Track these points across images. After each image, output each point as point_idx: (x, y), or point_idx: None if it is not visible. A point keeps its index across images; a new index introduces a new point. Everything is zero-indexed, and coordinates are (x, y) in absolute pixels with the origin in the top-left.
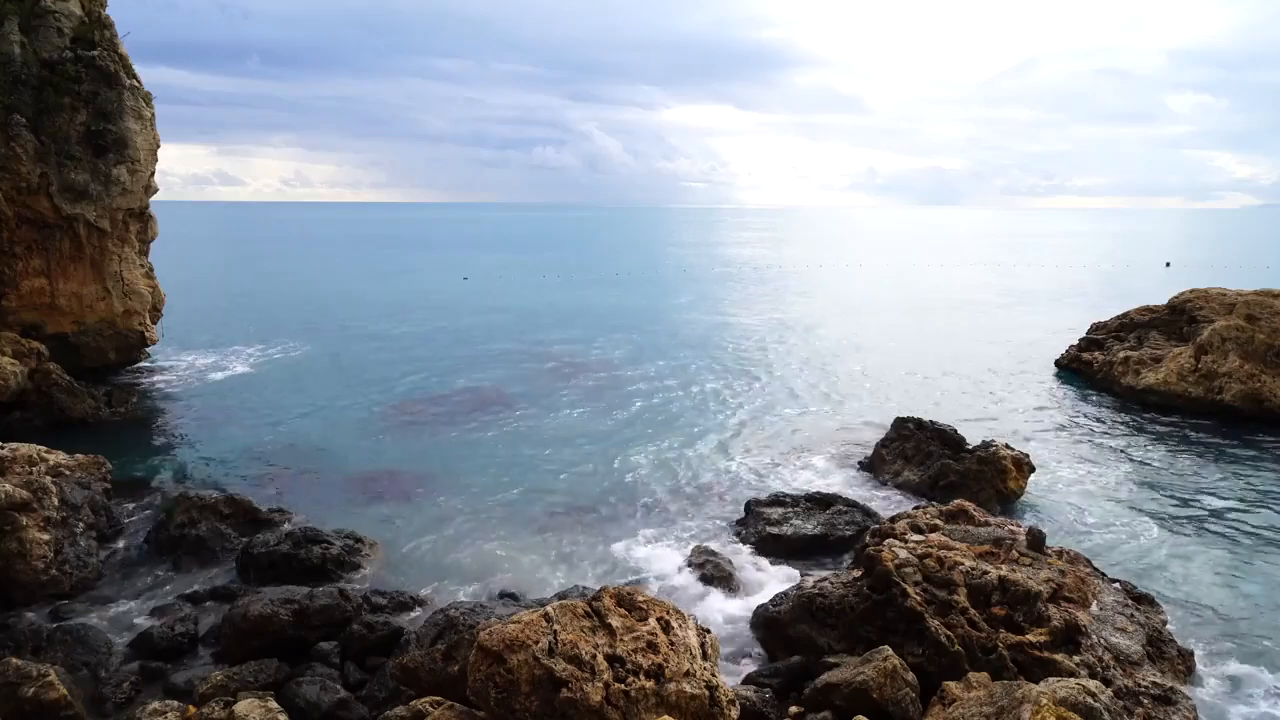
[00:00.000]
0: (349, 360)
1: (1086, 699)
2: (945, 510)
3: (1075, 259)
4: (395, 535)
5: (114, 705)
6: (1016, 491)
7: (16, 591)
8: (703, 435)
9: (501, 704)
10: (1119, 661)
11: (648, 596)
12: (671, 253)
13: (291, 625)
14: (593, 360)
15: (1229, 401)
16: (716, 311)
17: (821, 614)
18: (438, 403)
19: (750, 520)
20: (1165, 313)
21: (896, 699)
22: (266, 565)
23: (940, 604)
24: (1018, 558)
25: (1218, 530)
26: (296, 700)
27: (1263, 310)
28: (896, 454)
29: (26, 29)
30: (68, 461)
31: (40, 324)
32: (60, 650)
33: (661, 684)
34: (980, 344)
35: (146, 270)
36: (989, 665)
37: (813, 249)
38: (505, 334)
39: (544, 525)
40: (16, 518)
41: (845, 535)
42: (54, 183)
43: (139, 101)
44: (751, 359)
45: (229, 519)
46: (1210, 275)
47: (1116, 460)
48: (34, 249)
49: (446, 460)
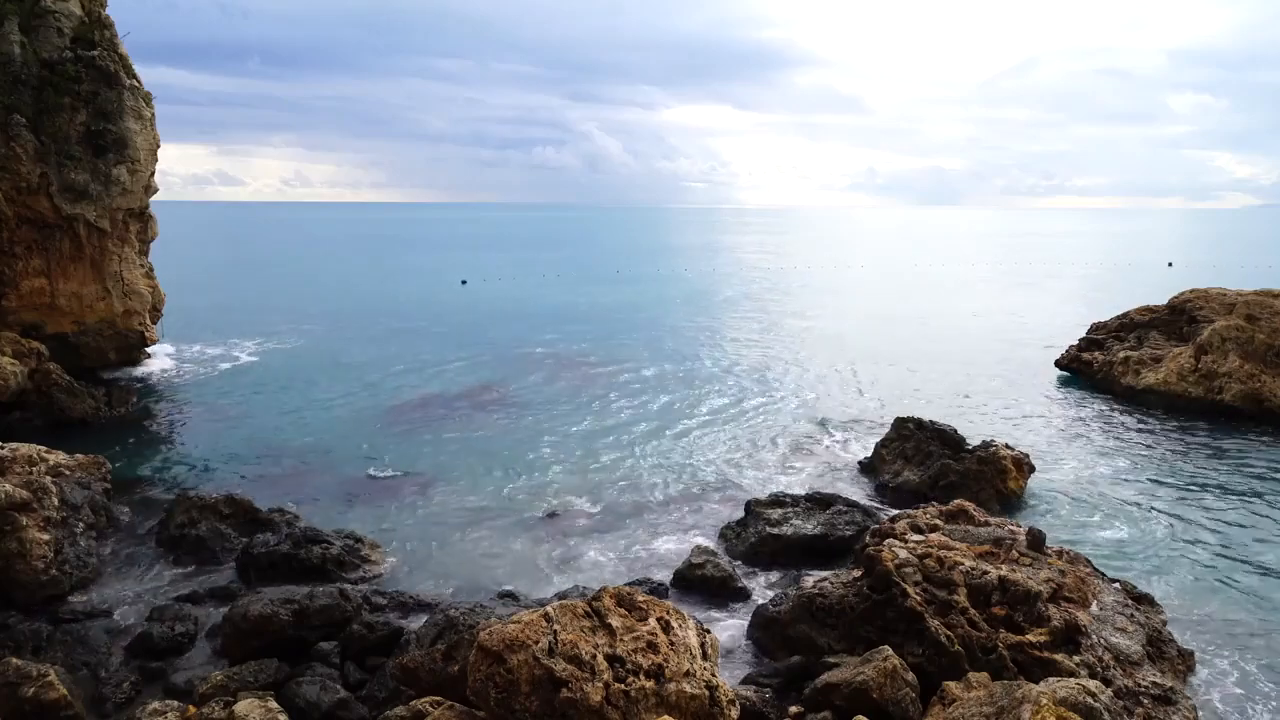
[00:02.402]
0: (349, 361)
1: (1086, 699)
2: (945, 510)
3: (1075, 259)
4: (395, 535)
5: (114, 705)
6: (1016, 491)
7: (16, 591)
8: (703, 435)
9: (501, 704)
10: (1119, 661)
11: (647, 596)
12: (671, 253)
13: (291, 625)
14: (592, 360)
15: (1229, 401)
16: (716, 312)
17: (821, 614)
18: (437, 403)
19: (750, 520)
20: (1165, 313)
21: (896, 699)
22: (266, 565)
23: (940, 604)
24: (1018, 558)
25: (1218, 530)
26: (296, 700)
27: (1263, 310)
28: (896, 454)
29: (26, 29)
30: (68, 461)
31: (40, 324)
32: (60, 650)
33: (661, 684)
34: (980, 344)
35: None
36: (989, 665)
37: (813, 249)
38: (505, 334)
39: (544, 525)
40: (16, 518)
41: (845, 535)
42: (54, 183)
43: (139, 101)
44: (751, 359)
45: (229, 519)
46: (1210, 275)
47: (1116, 460)
48: (34, 249)
49: (446, 460)
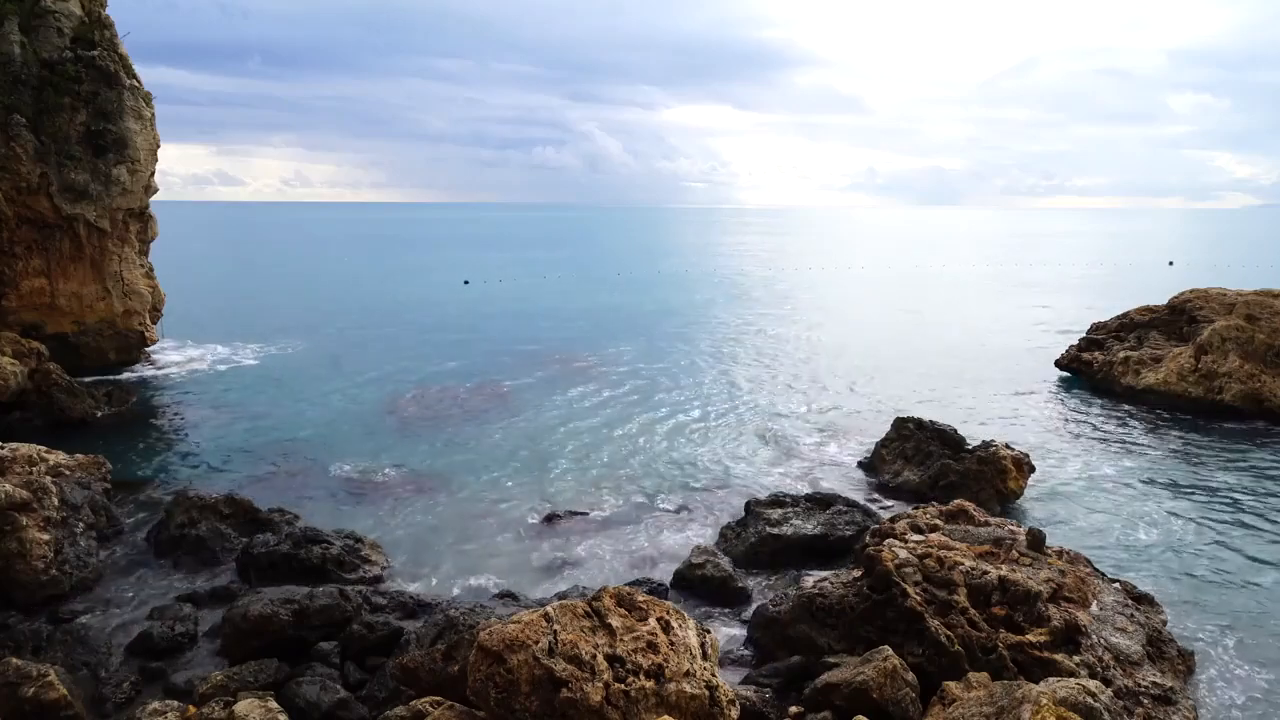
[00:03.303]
0: (349, 361)
1: (1086, 699)
2: (945, 510)
3: (1075, 259)
4: (395, 535)
5: (114, 705)
6: (1016, 491)
7: (16, 591)
8: (703, 435)
9: (501, 704)
10: (1119, 661)
11: (647, 596)
12: (671, 253)
13: (291, 625)
14: (592, 360)
15: (1229, 401)
16: (716, 312)
17: (821, 614)
18: (437, 403)
19: (750, 520)
20: (1165, 313)
21: (896, 699)
22: (266, 565)
23: (940, 604)
24: (1018, 558)
25: (1218, 530)
26: (296, 700)
27: (1263, 310)
28: (896, 454)
29: (26, 29)
30: (68, 461)
31: (40, 324)
32: (60, 650)
33: (661, 684)
34: (980, 344)
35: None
36: (989, 665)
37: (813, 249)
38: (505, 334)
39: (544, 525)
40: (16, 518)
41: (845, 535)
42: (54, 183)
43: (139, 101)
44: (751, 359)
45: (229, 519)
46: (1210, 275)
47: (1116, 460)
48: (34, 249)
49: (447, 460)
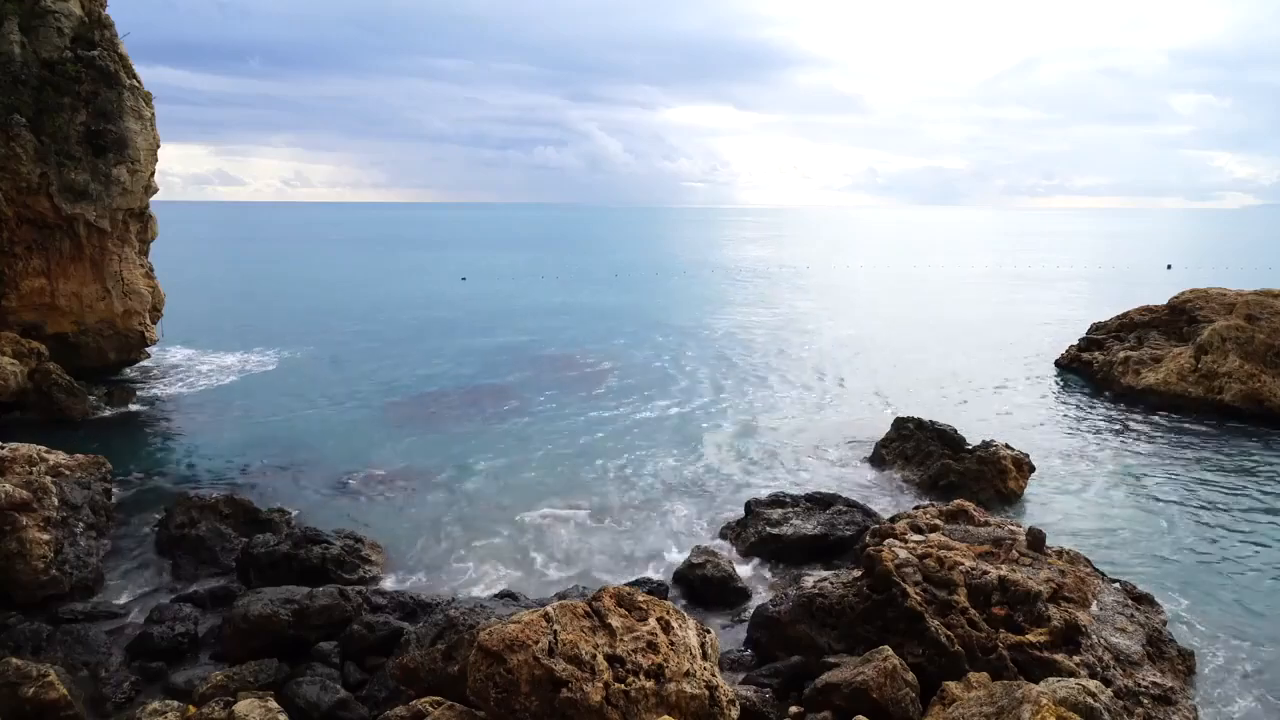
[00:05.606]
0: (349, 360)
1: (1086, 699)
2: (945, 510)
3: (1075, 259)
4: (395, 535)
5: (114, 705)
6: (1016, 491)
7: (16, 591)
8: (703, 435)
9: (501, 704)
10: (1119, 661)
11: (647, 596)
12: (671, 253)
13: (291, 625)
14: (591, 360)
15: (1229, 401)
16: (716, 312)
17: (821, 614)
18: (437, 402)
19: (750, 520)
20: (1165, 313)
21: (896, 699)
22: (266, 565)
23: (940, 604)
24: (1018, 558)
25: (1218, 530)
26: (296, 700)
27: (1263, 310)
28: (896, 454)
29: (26, 29)
30: (68, 461)
31: (40, 324)
32: (60, 650)
33: (661, 684)
34: (980, 344)
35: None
36: (989, 665)
37: (813, 249)
38: (505, 334)
39: (544, 525)
40: (16, 518)
41: (845, 535)
42: (54, 183)
43: (139, 101)
44: (751, 359)
45: (229, 519)
46: (1210, 275)
47: (1116, 460)
48: (34, 249)
49: (446, 460)
